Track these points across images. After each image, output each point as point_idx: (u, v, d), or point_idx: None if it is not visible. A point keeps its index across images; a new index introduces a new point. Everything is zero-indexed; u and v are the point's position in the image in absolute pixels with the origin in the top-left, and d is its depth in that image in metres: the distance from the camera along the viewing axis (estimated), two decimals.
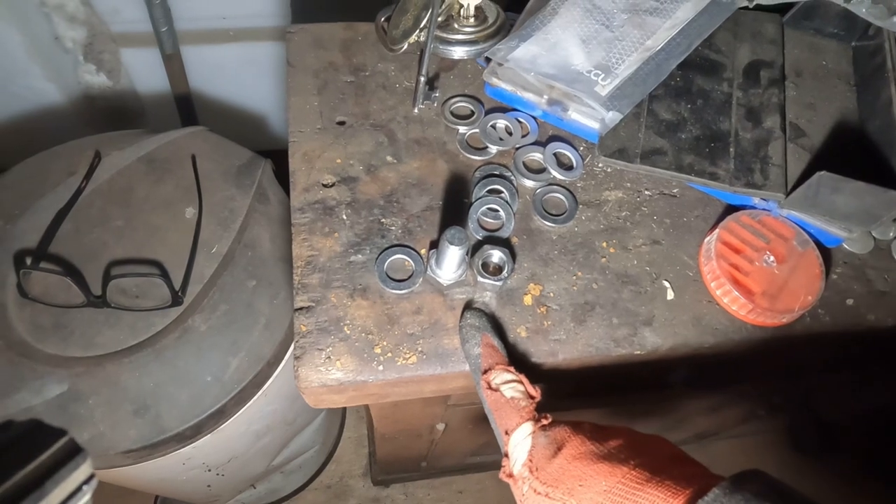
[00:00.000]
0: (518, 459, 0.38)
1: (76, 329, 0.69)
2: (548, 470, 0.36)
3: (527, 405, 0.40)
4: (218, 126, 0.90)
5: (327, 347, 0.46)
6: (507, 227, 0.52)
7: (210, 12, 1.11)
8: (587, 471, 0.34)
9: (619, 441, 0.36)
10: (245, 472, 1.04)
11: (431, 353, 0.47)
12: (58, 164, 0.80)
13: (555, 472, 0.35)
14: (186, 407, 0.70)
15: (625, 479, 0.33)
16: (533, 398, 0.40)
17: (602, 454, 0.35)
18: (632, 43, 0.57)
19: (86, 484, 0.24)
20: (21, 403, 0.66)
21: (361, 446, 1.46)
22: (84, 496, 0.24)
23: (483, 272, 0.48)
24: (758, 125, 0.57)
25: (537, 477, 0.36)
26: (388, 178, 0.55)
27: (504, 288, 0.50)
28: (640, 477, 0.33)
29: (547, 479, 0.35)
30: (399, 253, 0.50)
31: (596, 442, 0.36)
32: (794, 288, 0.50)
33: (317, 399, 0.47)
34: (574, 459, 0.35)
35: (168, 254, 0.75)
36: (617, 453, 0.35)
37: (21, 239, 0.73)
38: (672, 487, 0.31)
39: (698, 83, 0.59)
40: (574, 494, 0.34)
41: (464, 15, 0.60)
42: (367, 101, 0.59)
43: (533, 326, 0.49)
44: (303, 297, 0.48)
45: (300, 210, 0.52)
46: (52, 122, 1.21)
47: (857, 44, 0.63)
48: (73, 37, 1.07)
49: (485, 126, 0.57)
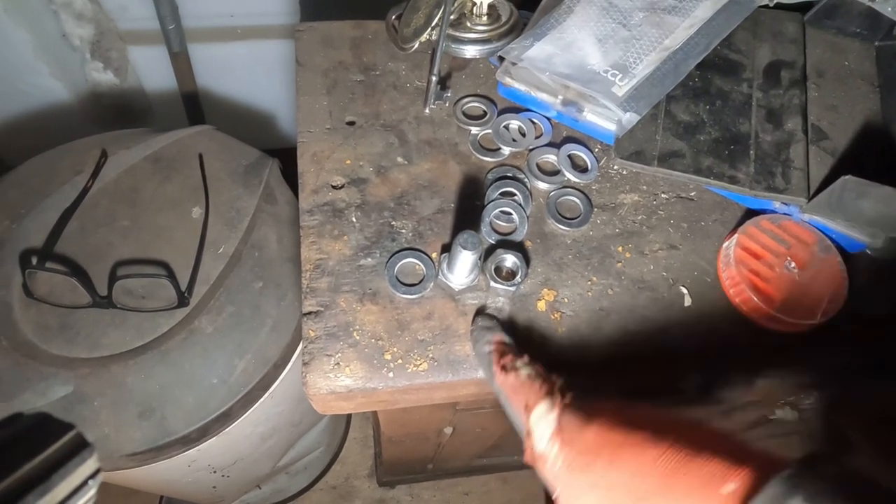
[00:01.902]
0: (543, 435, 0.35)
1: (82, 330, 0.69)
2: (583, 440, 0.32)
3: (547, 381, 0.37)
4: (225, 125, 0.89)
5: (336, 353, 0.45)
6: (521, 230, 0.51)
7: (218, 10, 1.10)
8: (629, 439, 0.31)
9: (652, 413, 0.33)
10: (250, 474, 1.03)
11: (443, 359, 0.46)
12: (64, 162, 0.79)
13: (591, 442, 0.32)
14: (192, 409, 0.70)
15: (673, 449, 0.30)
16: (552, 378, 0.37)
17: (641, 423, 0.32)
18: (649, 42, 0.55)
19: (91, 478, 0.24)
20: (26, 405, 0.65)
21: (367, 447, 1.46)
22: (90, 490, 0.24)
23: (496, 277, 0.47)
24: (779, 127, 0.55)
25: (572, 448, 0.33)
26: (398, 180, 0.54)
27: (517, 293, 0.49)
28: (689, 448, 0.29)
29: (583, 449, 0.32)
30: (410, 257, 0.49)
31: (630, 411, 0.33)
32: (817, 294, 0.48)
33: (325, 406, 0.46)
34: (611, 428, 0.32)
35: (174, 254, 0.74)
36: (655, 424, 0.32)
37: (27, 238, 0.72)
38: (728, 460, 0.28)
39: (717, 84, 0.57)
40: (615, 464, 0.31)
41: (476, 13, 0.58)
42: (377, 100, 0.58)
43: (546, 333, 0.47)
44: (311, 301, 0.47)
45: (309, 212, 0.51)
46: (59, 120, 1.20)
47: (880, 43, 0.61)
48: (80, 34, 1.07)
49: (497, 127, 0.56)
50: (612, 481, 0.31)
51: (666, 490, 0.29)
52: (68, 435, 0.24)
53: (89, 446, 0.24)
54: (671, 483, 0.29)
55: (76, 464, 0.23)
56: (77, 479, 0.23)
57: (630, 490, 0.30)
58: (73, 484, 0.23)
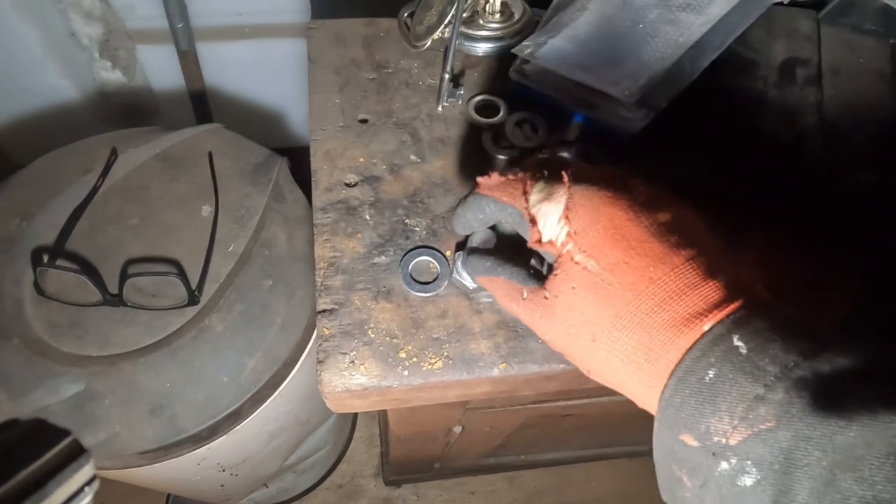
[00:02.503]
0: (550, 217, 0.32)
1: (92, 328, 0.69)
2: (589, 235, 0.30)
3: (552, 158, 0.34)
4: (233, 123, 0.89)
5: (351, 351, 0.45)
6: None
7: (226, 8, 1.10)
8: (634, 249, 0.29)
9: (669, 216, 0.31)
10: (258, 472, 1.03)
11: (458, 358, 0.46)
12: (74, 161, 0.79)
13: (595, 240, 0.30)
14: (202, 408, 0.70)
15: (674, 273, 0.29)
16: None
17: (652, 231, 0.30)
18: (663, 40, 0.55)
19: (88, 485, 0.24)
20: (37, 402, 0.65)
21: (373, 446, 1.46)
22: (85, 497, 0.24)
23: None
24: (794, 125, 0.55)
25: (576, 242, 0.30)
26: (411, 178, 0.53)
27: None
28: (694, 273, 0.28)
29: (585, 245, 0.30)
30: (424, 255, 0.49)
31: (645, 212, 0.30)
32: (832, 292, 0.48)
33: (340, 404, 0.46)
34: (618, 230, 0.30)
35: (184, 252, 0.74)
36: (668, 234, 0.30)
37: (38, 237, 0.72)
38: (721, 291, 0.28)
39: (732, 81, 0.57)
40: (616, 273, 0.29)
41: (489, 10, 0.58)
42: (389, 98, 0.58)
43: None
44: (325, 299, 0.47)
45: (322, 210, 0.51)
46: (68, 119, 1.21)
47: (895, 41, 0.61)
48: (89, 33, 1.07)
49: (510, 124, 0.56)
50: (613, 287, 0.30)
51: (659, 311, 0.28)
52: (65, 441, 0.24)
53: (86, 452, 0.24)
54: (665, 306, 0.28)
55: (72, 470, 0.23)
56: (73, 486, 0.23)
57: (627, 302, 0.29)
58: (70, 490, 0.23)
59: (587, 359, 0.32)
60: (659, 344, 0.28)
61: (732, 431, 0.25)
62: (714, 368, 0.27)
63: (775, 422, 0.24)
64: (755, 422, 0.25)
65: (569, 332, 0.32)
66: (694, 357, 0.27)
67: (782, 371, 0.25)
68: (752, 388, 0.26)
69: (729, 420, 0.26)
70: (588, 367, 0.33)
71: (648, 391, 0.29)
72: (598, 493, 1.46)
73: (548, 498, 1.46)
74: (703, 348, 0.27)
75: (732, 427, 0.25)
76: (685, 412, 0.27)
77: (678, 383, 0.28)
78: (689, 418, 0.27)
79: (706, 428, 0.26)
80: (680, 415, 0.27)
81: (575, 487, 1.47)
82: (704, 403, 0.26)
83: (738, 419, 0.25)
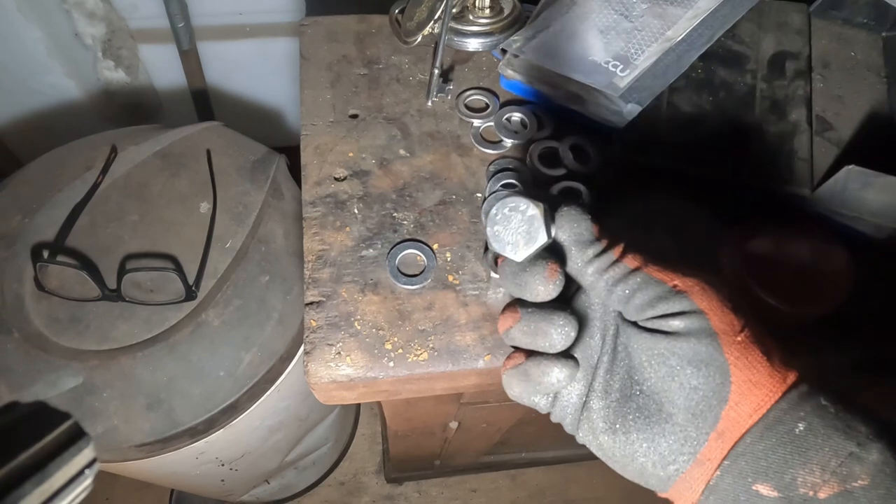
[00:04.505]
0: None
1: (91, 322, 0.70)
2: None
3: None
4: (233, 121, 0.90)
5: (337, 343, 0.46)
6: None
7: (226, 8, 1.11)
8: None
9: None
10: (258, 468, 1.04)
11: (443, 349, 0.46)
12: (75, 158, 0.80)
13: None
14: (199, 401, 0.70)
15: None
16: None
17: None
18: (652, 33, 0.55)
19: (88, 468, 0.24)
20: (37, 396, 0.66)
21: (375, 443, 1.46)
22: (86, 480, 0.24)
23: (496, 267, 0.47)
24: (783, 118, 0.55)
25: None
26: (400, 172, 0.54)
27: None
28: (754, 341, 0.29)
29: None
30: (411, 248, 0.49)
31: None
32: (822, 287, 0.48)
33: (327, 395, 0.47)
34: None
35: (182, 248, 0.75)
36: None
37: (38, 232, 0.74)
38: (777, 363, 0.29)
39: (721, 75, 0.57)
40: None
41: (479, 6, 0.58)
42: (380, 94, 0.58)
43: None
44: (313, 291, 0.48)
45: (312, 204, 0.52)
46: (71, 118, 1.22)
47: (887, 34, 0.60)
48: (92, 33, 1.08)
49: (500, 119, 0.56)
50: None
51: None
52: (65, 424, 0.24)
53: (86, 436, 0.24)
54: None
55: (73, 453, 0.23)
56: (74, 468, 0.23)
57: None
58: (70, 473, 0.23)
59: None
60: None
61: (823, 485, 0.26)
62: (804, 422, 0.27)
63: (869, 480, 0.25)
64: (849, 478, 0.25)
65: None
66: (782, 408, 0.28)
67: (876, 432, 0.26)
68: (846, 444, 0.26)
69: (820, 473, 0.26)
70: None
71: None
72: (601, 491, 1.46)
73: (550, 496, 1.46)
74: (792, 401, 0.28)
75: (823, 481, 0.26)
76: (767, 461, 0.27)
77: (765, 431, 0.27)
78: (772, 468, 0.27)
79: (792, 479, 0.26)
80: (760, 463, 0.27)
81: (577, 485, 1.46)
82: (794, 454, 0.26)
83: (830, 473, 0.25)
